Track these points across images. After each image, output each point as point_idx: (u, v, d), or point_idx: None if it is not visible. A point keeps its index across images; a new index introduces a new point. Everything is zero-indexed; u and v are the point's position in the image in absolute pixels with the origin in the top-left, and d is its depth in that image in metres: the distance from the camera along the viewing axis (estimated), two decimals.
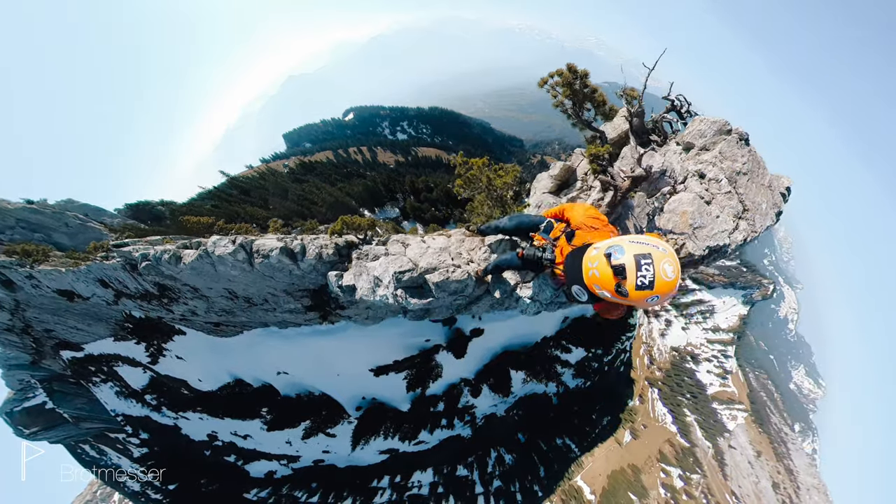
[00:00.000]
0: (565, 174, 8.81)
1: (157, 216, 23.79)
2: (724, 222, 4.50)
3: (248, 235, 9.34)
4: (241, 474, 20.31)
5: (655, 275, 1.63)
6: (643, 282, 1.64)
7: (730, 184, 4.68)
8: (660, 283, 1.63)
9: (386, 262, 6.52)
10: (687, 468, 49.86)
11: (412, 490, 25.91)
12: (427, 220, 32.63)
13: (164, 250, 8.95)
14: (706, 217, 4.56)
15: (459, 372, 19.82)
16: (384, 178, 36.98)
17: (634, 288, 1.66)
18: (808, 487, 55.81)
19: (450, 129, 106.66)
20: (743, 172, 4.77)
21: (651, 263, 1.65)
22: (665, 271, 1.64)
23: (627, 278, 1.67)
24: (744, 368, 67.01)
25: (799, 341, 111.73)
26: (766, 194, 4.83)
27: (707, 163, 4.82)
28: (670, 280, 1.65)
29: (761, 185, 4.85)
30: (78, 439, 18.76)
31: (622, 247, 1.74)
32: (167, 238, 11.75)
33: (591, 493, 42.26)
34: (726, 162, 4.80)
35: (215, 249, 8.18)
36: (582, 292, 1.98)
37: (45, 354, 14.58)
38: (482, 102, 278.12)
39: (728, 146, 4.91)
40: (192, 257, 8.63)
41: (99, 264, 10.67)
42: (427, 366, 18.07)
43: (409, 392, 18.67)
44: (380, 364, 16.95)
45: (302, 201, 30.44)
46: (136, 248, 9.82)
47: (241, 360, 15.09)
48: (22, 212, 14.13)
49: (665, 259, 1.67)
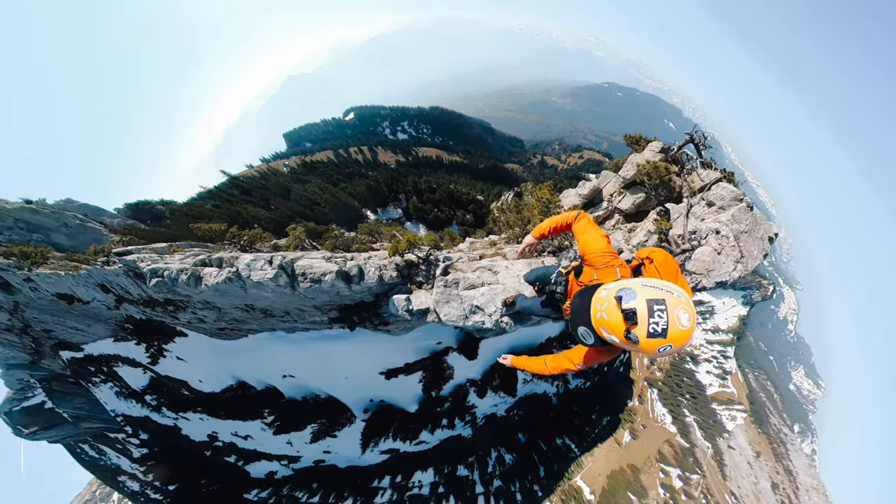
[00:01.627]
0: (592, 194, 9.58)
1: (157, 216, 23.73)
2: (728, 266, 6.61)
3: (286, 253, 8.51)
4: (241, 475, 20.28)
5: (669, 322, 1.53)
6: (655, 329, 1.53)
7: (735, 240, 6.73)
8: (673, 332, 1.52)
9: (489, 291, 6.73)
10: (686, 468, 49.92)
11: (413, 490, 25.90)
12: (430, 222, 32.63)
13: (181, 270, 7.92)
14: (717, 263, 6.61)
15: (467, 373, 19.81)
16: (386, 179, 36.87)
17: (646, 335, 1.55)
18: (808, 488, 55.87)
19: (450, 130, 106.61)
20: (745, 231, 6.86)
21: (665, 310, 1.54)
22: (680, 319, 1.53)
23: (639, 324, 1.56)
24: (743, 369, 67.08)
25: (798, 342, 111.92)
26: (758, 244, 6.92)
27: (723, 223, 6.91)
28: (685, 329, 1.54)
29: (756, 237, 6.95)
30: (77, 439, 18.71)
31: (634, 290, 1.63)
32: (174, 246, 11.43)
33: (591, 492, 42.32)
34: (735, 224, 6.89)
35: (251, 274, 7.37)
36: (589, 335, 1.88)
37: (45, 354, 14.52)
38: (482, 102, 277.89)
39: (739, 212, 7.01)
40: (216, 278, 7.69)
41: (100, 269, 10.33)
42: (439, 367, 18.05)
43: (425, 393, 18.67)
44: (390, 367, 16.75)
45: (304, 201, 30.36)
46: (142, 256, 9.24)
47: (244, 363, 14.95)
48: (20, 211, 13.95)
49: (680, 306, 1.57)
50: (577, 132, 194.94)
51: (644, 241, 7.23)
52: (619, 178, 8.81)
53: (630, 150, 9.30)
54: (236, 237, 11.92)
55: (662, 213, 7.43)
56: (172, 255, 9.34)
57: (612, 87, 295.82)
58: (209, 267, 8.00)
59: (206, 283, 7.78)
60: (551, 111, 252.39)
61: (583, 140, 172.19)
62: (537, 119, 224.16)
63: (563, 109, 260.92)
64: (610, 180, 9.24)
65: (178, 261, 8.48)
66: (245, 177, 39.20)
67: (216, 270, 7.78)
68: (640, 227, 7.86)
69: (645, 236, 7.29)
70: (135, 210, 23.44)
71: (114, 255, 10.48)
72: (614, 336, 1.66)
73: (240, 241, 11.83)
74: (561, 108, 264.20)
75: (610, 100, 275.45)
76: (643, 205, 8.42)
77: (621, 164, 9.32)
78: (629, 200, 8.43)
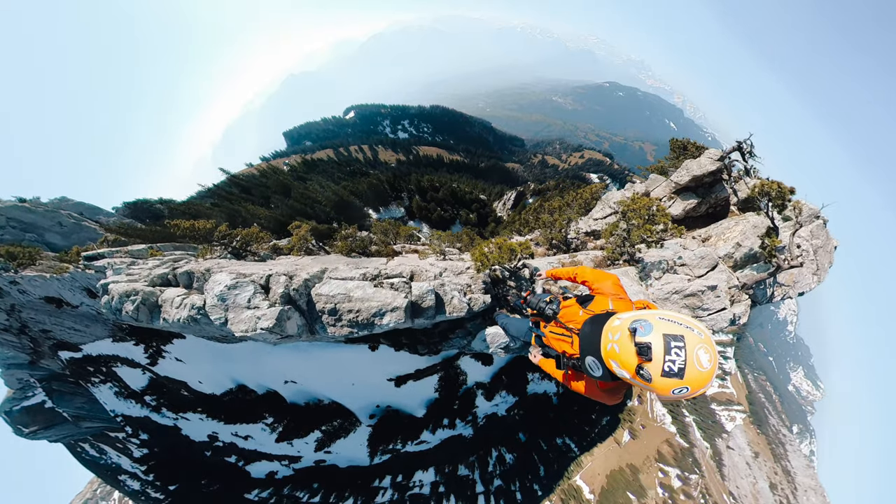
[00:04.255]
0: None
1: (155, 215, 23.61)
2: (808, 278, 7.60)
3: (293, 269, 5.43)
4: (241, 475, 20.23)
5: (687, 362, 1.39)
6: (671, 368, 1.39)
7: (813, 254, 7.67)
8: (691, 373, 1.38)
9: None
10: (685, 468, 49.98)
11: (413, 489, 25.88)
12: (434, 221, 32.50)
13: (127, 294, 5.25)
14: (799, 276, 7.62)
15: (476, 376, 19.75)
16: (389, 177, 36.65)
17: (660, 374, 1.40)
18: (806, 489, 55.99)
19: (451, 128, 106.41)
20: (820, 246, 7.89)
21: (683, 348, 1.40)
22: (699, 360, 1.39)
23: (653, 361, 1.42)
24: (743, 370, 67.16)
25: (798, 343, 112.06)
26: (827, 256, 8.00)
27: (803, 238, 7.66)
28: (705, 371, 1.38)
29: (827, 251, 8.02)
30: (77, 438, 18.65)
31: (651, 323, 1.51)
32: (153, 248, 9.75)
33: (590, 492, 42.34)
34: (814, 240, 7.83)
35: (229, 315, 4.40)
36: (597, 366, 1.76)
37: (44, 354, 14.43)
38: (483, 101, 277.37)
39: (817, 228, 8.02)
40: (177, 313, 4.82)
41: (83, 272, 9.58)
42: (453, 373, 17.88)
43: (442, 400, 18.47)
44: (400, 374, 16.45)
45: (305, 200, 30.19)
46: (113, 262, 7.44)
47: (244, 367, 14.75)
48: (13, 210, 13.63)
49: (700, 344, 1.41)
50: (578, 132, 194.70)
51: (731, 252, 6.99)
52: (670, 183, 8.77)
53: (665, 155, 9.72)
54: (226, 237, 9.52)
55: (771, 229, 7.30)
56: (146, 261, 7.31)
57: (614, 86, 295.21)
58: (171, 288, 5.26)
59: (166, 318, 5.00)
60: (552, 110, 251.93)
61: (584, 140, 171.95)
62: (538, 118, 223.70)
63: (564, 109, 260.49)
64: (659, 184, 9.22)
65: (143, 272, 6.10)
66: (245, 175, 39.02)
67: (181, 295, 4.94)
68: (719, 237, 7.75)
69: (733, 248, 7.00)
70: (133, 209, 23.33)
71: (83, 259, 9.16)
72: (625, 371, 1.53)
73: (231, 242, 9.58)
74: (562, 107, 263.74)
75: (611, 99, 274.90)
76: (693, 211, 8.48)
77: (666, 167, 9.43)
78: (680, 206, 8.45)
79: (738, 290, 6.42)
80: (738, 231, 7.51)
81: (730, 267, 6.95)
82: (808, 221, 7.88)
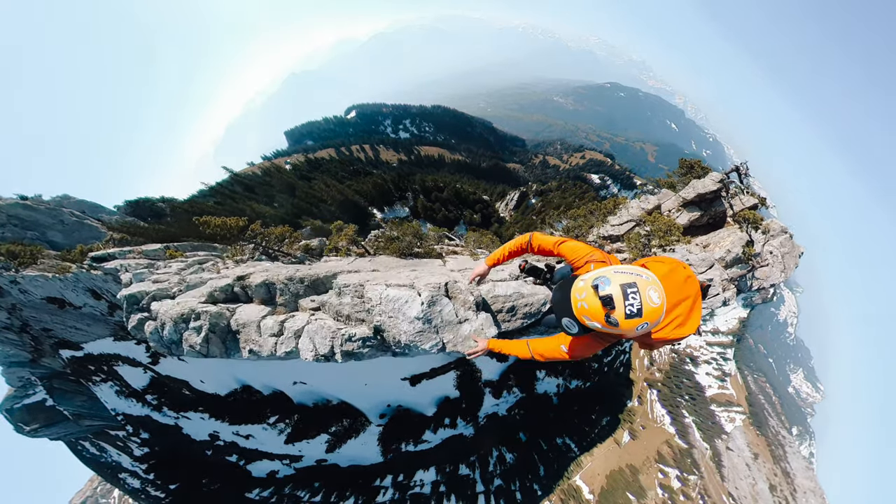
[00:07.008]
0: (653, 209, 11.38)
1: (157, 213, 23.58)
2: (776, 273, 9.69)
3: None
4: (242, 474, 20.22)
5: (642, 302, 1.70)
6: (631, 310, 1.69)
7: (781, 258, 9.93)
8: (647, 310, 1.70)
9: None
10: (685, 469, 49.98)
11: (414, 489, 25.87)
12: (439, 221, 32.52)
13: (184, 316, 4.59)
14: (770, 272, 9.68)
15: (485, 374, 19.77)
16: (393, 177, 36.66)
17: (624, 317, 1.70)
18: (805, 490, 55.98)
19: (452, 128, 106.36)
20: (787, 252, 10.15)
21: (637, 291, 1.71)
22: (651, 297, 1.72)
23: (616, 308, 1.71)
24: (743, 371, 67.09)
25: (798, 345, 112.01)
26: (792, 259, 10.27)
27: (774, 248, 10.06)
28: (657, 306, 1.73)
29: (791, 256, 10.27)
30: (78, 436, 18.64)
31: (608, 277, 1.80)
32: (171, 248, 9.26)
33: (590, 492, 42.36)
34: (781, 249, 10.12)
35: (445, 338, 3.87)
36: (573, 324, 1.97)
37: (45, 353, 14.41)
38: (484, 101, 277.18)
39: (785, 240, 10.32)
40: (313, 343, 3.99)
41: (87, 273, 9.33)
42: (468, 369, 17.84)
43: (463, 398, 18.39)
44: (415, 373, 16.55)
45: (310, 199, 30.16)
46: (126, 263, 6.95)
47: (249, 367, 14.67)
48: (14, 207, 13.51)
49: (650, 285, 1.75)
50: (578, 132, 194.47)
51: (724, 255, 9.31)
52: (678, 198, 10.84)
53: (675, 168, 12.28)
54: (257, 236, 8.87)
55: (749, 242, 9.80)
56: (168, 264, 6.81)
57: (615, 87, 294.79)
58: (248, 305, 4.16)
59: (255, 350, 4.21)
60: (553, 111, 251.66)
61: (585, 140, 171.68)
62: (539, 118, 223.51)
63: (565, 109, 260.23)
64: (670, 198, 11.34)
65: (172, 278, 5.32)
66: (246, 174, 38.99)
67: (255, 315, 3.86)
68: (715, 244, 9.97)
69: (725, 253, 9.31)
70: (135, 207, 23.30)
71: (90, 260, 8.76)
72: (596, 322, 1.79)
73: (261, 241, 9.01)
74: (563, 107, 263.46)
75: (612, 100, 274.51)
76: (696, 221, 10.55)
77: (674, 182, 11.76)
78: (686, 217, 10.50)
79: (728, 282, 9.05)
80: (729, 241, 9.81)
81: (722, 266, 9.23)
82: (778, 235, 10.34)
